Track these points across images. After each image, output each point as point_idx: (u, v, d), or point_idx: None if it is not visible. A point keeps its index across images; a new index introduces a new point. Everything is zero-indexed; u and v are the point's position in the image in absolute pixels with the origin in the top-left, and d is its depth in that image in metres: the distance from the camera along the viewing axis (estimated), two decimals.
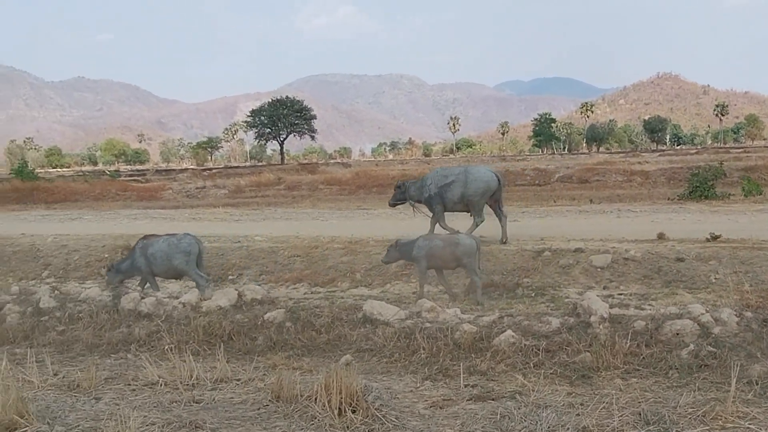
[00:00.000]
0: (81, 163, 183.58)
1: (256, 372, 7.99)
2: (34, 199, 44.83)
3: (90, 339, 9.75)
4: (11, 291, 12.34)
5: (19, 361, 8.90)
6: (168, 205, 37.40)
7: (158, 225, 22.01)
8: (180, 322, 9.97)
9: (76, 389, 7.70)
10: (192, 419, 6.50)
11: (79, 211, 31.32)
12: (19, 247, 17.23)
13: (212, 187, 50.62)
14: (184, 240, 12.87)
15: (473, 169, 15.23)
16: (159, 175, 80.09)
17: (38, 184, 52.26)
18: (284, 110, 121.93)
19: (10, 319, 10.83)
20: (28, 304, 11.39)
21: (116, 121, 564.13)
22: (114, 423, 6.23)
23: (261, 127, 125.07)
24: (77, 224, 23.08)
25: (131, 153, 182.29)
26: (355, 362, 8.18)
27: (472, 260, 11.37)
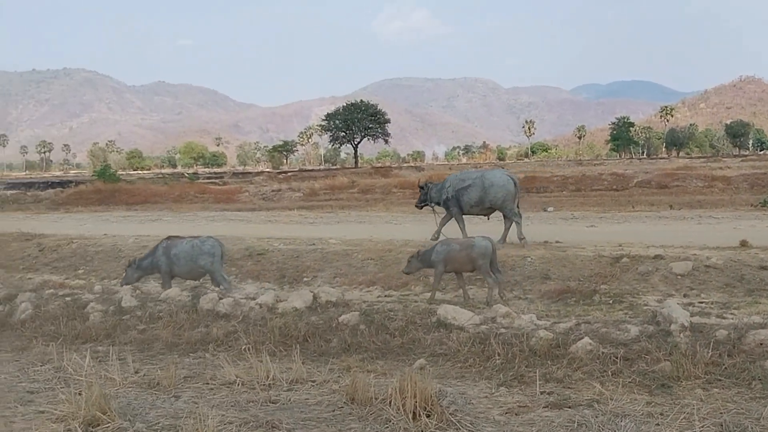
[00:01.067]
0: (161, 165, 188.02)
1: (330, 374, 8.05)
2: (116, 201, 46.03)
3: (169, 338, 9.95)
4: (94, 290, 12.66)
5: (101, 359, 9.15)
6: (244, 208, 37.99)
7: (235, 227, 22.39)
8: (256, 322, 10.10)
9: (156, 387, 7.87)
10: (268, 419, 6.59)
11: (158, 213, 32.07)
12: (102, 247, 17.70)
13: (287, 190, 51.23)
14: (207, 242, 13.47)
15: (490, 174, 15.55)
16: (236, 178, 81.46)
17: (120, 186, 53.69)
18: (358, 114, 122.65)
19: (93, 317, 11.12)
20: (111, 303, 11.67)
21: (195, 125, 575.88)
22: (193, 421, 6.35)
23: (335, 131, 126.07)
24: (157, 225, 23.63)
25: (209, 156, 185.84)
26: (429, 366, 8.16)
27: (485, 262, 11.54)
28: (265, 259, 15.91)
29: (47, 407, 7.27)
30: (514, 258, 13.66)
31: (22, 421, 6.97)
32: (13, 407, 7.44)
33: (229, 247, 16.77)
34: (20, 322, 11.44)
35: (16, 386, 8.30)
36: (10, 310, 11.94)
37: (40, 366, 9.14)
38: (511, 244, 14.77)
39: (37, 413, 7.17)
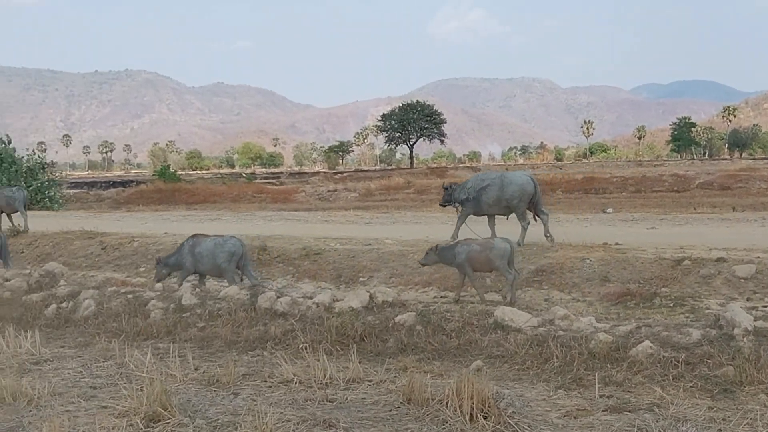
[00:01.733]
0: (219, 165, 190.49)
1: (387, 374, 8.06)
2: (176, 200, 46.81)
3: (228, 336, 10.08)
4: (155, 288, 12.87)
5: (162, 356, 9.30)
6: (301, 208, 38.28)
7: (292, 226, 22.55)
8: (314, 321, 10.16)
9: (216, 384, 7.98)
10: (326, 417, 6.63)
11: (217, 212, 32.47)
12: (163, 245, 17.95)
13: (343, 190, 51.55)
14: (229, 241, 13.71)
15: (509, 175, 15.72)
16: (292, 178, 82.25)
17: (180, 186, 54.60)
18: (414, 114, 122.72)
19: (154, 314, 11.31)
20: (171, 300, 11.85)
21: (252, 126, 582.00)
22: (251, 418, 6.43)
23: (391, 132, 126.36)
24: (216, 224, 23.90)
25: (266, 156, 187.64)
26: (486, 368, 8.12)
27: (504, 263, 11.60)
28: (321, 258, 15.98)
29: (110, 402, 7.42)
30: (573, 260, 13.51)
31: (85, 415, 7.12)
32: (76, 402, 7.61)
33: (287, 246, 16.91)
34: (83, 318, 11.69)
35: (79, 381, 8.49)
36: (73, 307, 12.21)
37: (102, 362, 9.33)
38: (570, 245, 14.59)
39: (100, 408, 7.32)
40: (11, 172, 35.94)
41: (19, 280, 14.04)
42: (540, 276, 13.19)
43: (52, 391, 7.94)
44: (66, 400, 7.71)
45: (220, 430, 6.55)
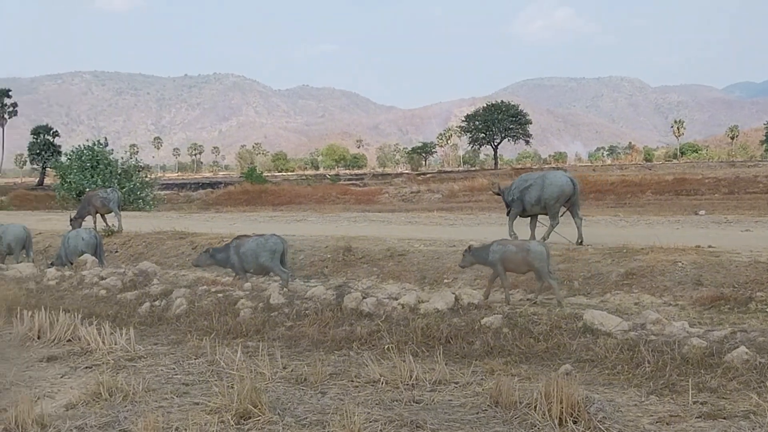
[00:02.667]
0: (304, 167, 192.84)
1: (473, 376, 8.02)
2: (262, 201, 47.56)
3: (315, 335, 10.18)
4: (244, 287, 13.11)
5: (251, 354, 9.46)
6: (384, 209, 38.40)
7: (376, 228, 22.66)
8: (399, 322, 10.18)
9: (304, 383, 8.07)
10: (413, 419, 6.63)
11: (303, 213, 32.88)
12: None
13: (426, 191, 51.49)
14: (270, 240, 14.54)
15: (550, 175, 16.00)
16: (376, 180, 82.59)
17: (266, 187, 55.45)
18: (499, 115, 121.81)
19: (243, 313, 11.52)
20: (260, 300, 12.06)
21: (337, 127, 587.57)
22: (339, 417, 6.48)
23: (475, 132, 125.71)
24: (302, 225, 24.21)
25: (350, 158, 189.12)
26: (575, 372, 7.98)
27: (543, 265, 11.60)
28: (405, 260, 16.01)
29: (202, 399, 7.59)
30: (664, 263, 13.18)
31: (178, 411, 7.30)
32: (170, 398, 7.81)
33: (371, 247, 17.01)
34: (175, 316, 11.99)
35: (172, 378, 8.71)
36: (166, 305, 12.54)
37: (194, 359, 9.55)
38: (661, 248, 14.23)
39: (193, 404, 7.50)
40: (106, 173, 37.19)
41: (114, 278, 14.51)
42: (630, 279, 12.93)
43: (147, 387, 8.16)
44: (160, 396, 7.92)
45: (309, 428, 6.63)
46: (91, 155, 38.09)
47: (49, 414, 7.35)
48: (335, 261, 16.65)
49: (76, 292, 14.18)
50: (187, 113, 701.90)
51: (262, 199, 48.65)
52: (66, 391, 8.42)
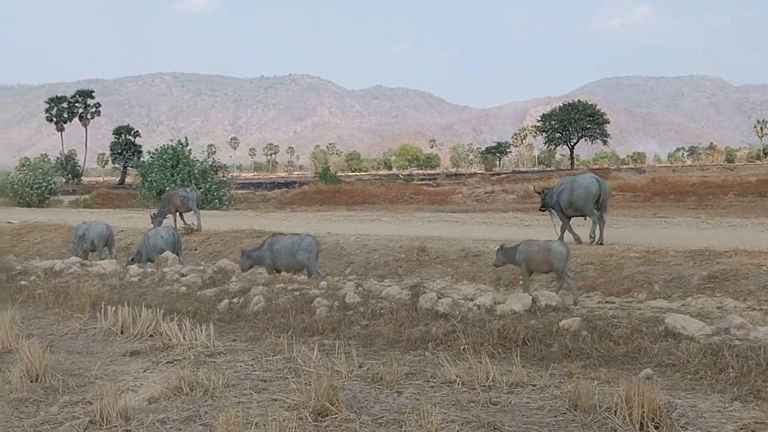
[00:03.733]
0: (377, 167, 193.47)
1: (551, 379, 7.94)
2: (336, 201, 47.89)
3: (390, 335, 10.21)
4: (320, 285, 13.22)
5: (327, 352, 9.54)
6: (458, 209, 38.27)
7: (450, 228, 22.59)
8: (475, 323, 10.14)
9: (380, 382, 8.11)
10: (490, 420, 6.60)
11: (377, 213, 32.98)
12: (325, 245, 18.41)
13: (501, 191, 51.12)
14: (305, 239, 15.16)
15: (579, 178, 16.71)
16: (449, 180, 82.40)
17: (340, 187, 55.82)
18: (576, 114, 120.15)
19: (319, 311, 11.62)
20: (335, 298, 12.15)
21: (410, 127, 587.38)
22: (416, 417, 6.49)
23: (551, 132, 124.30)
24: (376, 225, 24.30)
25: (423, 158, 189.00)
26: (656, 377, 7.82)
27: (561, 265, 11.85)
28: (480, 260, 15.93)
29: (280, 395, 7.69)
30: (748, 266, 12.80)
31: (257, 407, 7.42)
32: (249, 394, 7.94)
33: (445, 248, 16.97)
34: (253, 313, 12.18)
35: (251, 374, 8.85)
36: (244, 302, 12.74)
37: (272, 356, 9.68)
38: (745, 251, 13.82)
39: (271, 401, 7.61)
40: (185, 173, 37.98)
41: (194, 275, 14.81)
42: (712, 282, 12.60)
43: (226, 382, 8.32)
44: (239, 391, 8.06)
45: (386, 427, 6.66)
46: (173, 155, 38.96)
47: (133, 407, 7.55)
48: (409, 261, 16.66)
49: (158, 289, 14.53)
50: (263, 114, 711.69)
51: (336, 199, 48.98)
52: (148, 385, 8.64)
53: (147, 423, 7.10)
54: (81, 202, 51.43)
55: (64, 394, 8.40)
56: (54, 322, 13.22)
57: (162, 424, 7.08)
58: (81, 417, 7.41)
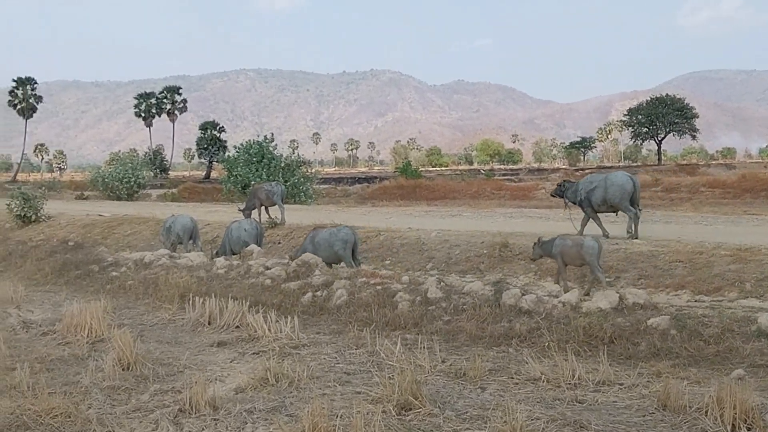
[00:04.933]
0: (458, 162, 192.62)
1: (639, 378, 7.79)
2: (417, 196, 47.83)
3: (473, 330, 10.18)
4: (402, 280, 13.24)
5: (410, 346, 9.57)
6: (541, 205, 37.76)
7: (533, 224, 22.32)
8: (560, 320, 10.02)
9: (463, 377, 8.10)
10: (576, 418, 6.52)
11: (457, 208, 32.81)
12: (407, 240, 18.44)
13: None
14: (342, 231, 15.80)
15: (612, 176, 17.18)
16: (531, 175, 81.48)
17: (420, 182, 55.75)
18: (663, 109, 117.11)
19: (401, 306, 11.66)
20: (417, 293, 12.16)
21: (491, 122, 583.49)
22: (501, 414, 6.46)
23: (637, 127, 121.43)
24: (457, 220, 24.16)
25: (505, 153, 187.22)
26: (748, 377, 7.60)
27: (593, 259, 12.03)
28: None
29: (363, 388, 7.76)
30: None
31: (341, 399, 7.49)
32: (333, 386, 8.03)
33: (528, 244, 16.75)
34: (336, 307, 12.30)
35: (334, 367, 8.94)
36: (327, 296, 12.88)
37: (355, 349, 9.77)
38: None
39: (354, 393, 7.67)
40: (271, 168, 38.50)
41: (278, 269, 15.02)
42: None
43: (311, 374, 8.43)
44: (323, 383, 8.16)
45: (469, 422, 6.64)
46: (258, 150, 39.54)
47: (220, 397, 7.72)
48: (491, 257, 16.51)
49: (243, 281, 14.80)
50: (344, 109, 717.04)
51: (417, 194, 48.92)
52: (235, 376, 8.82)
53: (234, 412, 7.25)
54: (168, 196, 52.68)
55: (155, 382, 8.65)
56: (144, 312, 13.63)
57: (249, 413, 7.22)
58: (171, 405, 7.62)
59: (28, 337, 11.61)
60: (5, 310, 13.97)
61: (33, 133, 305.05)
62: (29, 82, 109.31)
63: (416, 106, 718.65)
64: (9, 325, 12.57)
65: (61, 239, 23.45)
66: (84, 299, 13.99)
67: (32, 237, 25.01)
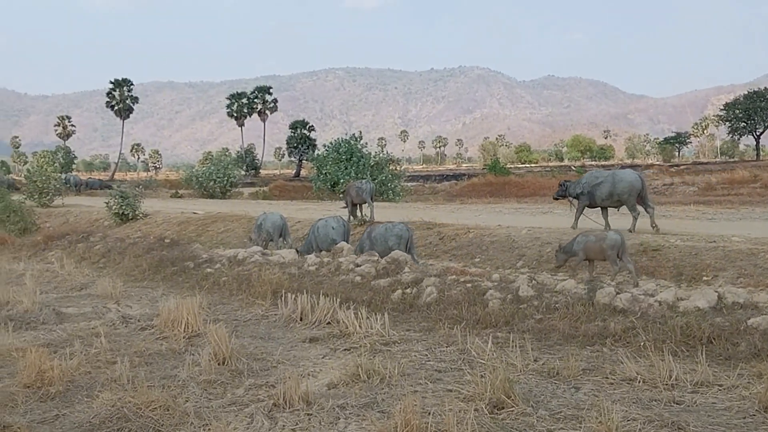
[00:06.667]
0: (547, 159, 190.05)
1: (739, 379, 7.56)
2: (506, 193, 47.33)
3: (566, 329, 10.04)
4: (492, 278, 13.15)
5: (501, 345, 9.52)
6: None
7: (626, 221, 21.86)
8: (656, 320, 9.79)
9: (556, 377, 8.00)
10: (674, 420, 6.37)
11: (548, 206, 32.39)
12: (497, 237, 18.29)
13: (680, 183, 48.89)
14: (397, 227, 16.61)
15: (620, 173, 17.75)
16: None
17: (510, 179, 55.16)
18: (762, 103, 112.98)
19: (492, 304, 11.59)
20: (508, 291, 12.06)
21: (582, 118, 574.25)
22: (595, 414, 6.36)
23: (735, 122, 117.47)
24: (548, 218, 23.85)
25: (596, 149, 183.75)
26: None
27: (614, 253, 12.45)
28: (660, 255, 15.29)
29: (455, 386, 7.75)
30: None
31: (432, 397, 7.50)
32: (424, 383, 8.04)
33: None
34: (426, 304, 12.31)
35: (425, 364, 8.96)
36: (417, 293, 12.90)
37: (445, 347, 9.77)
38: None
39: (446, 391, 7.67)
40: (359, 166, 38.78)
41: (368, 266, 15.13)
42: None
43: (402, 371, 8.47)
44: (414, 380, 8.18)
45: (563, 422, 6.56)
46: (347, 148, 39.88)
47: (313, 392, 7.83)
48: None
49: (334, 278, 14.95)
50: (432, 106, 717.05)
51: (506, 191, 48.37)
52: (327, 371, 8.93)
53: (327, 408, 7.34)
54: (260, 194, 53.61)
55: (249, 377, 8.83)
56: (238, 308, 13.92)
57: (341, 409, 7.30)
58: (265, 399, 7.77)
59: (128, 332, 12.01)
60: (105, 305, 14.49)
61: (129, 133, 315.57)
62: (126, 83, 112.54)
63: (505, 102, 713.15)
64: (109, 319, 13.03)
65: (157, 236, 24.10)
66: (180, 295, 14.40)
67: (130, 234, 25.78)
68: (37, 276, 18.65)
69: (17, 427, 7.22)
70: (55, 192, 40.63)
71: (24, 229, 31.02)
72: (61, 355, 9.81)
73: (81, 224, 30.86)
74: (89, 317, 13.39)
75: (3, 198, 33.35)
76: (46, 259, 22.72)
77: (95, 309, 14.21)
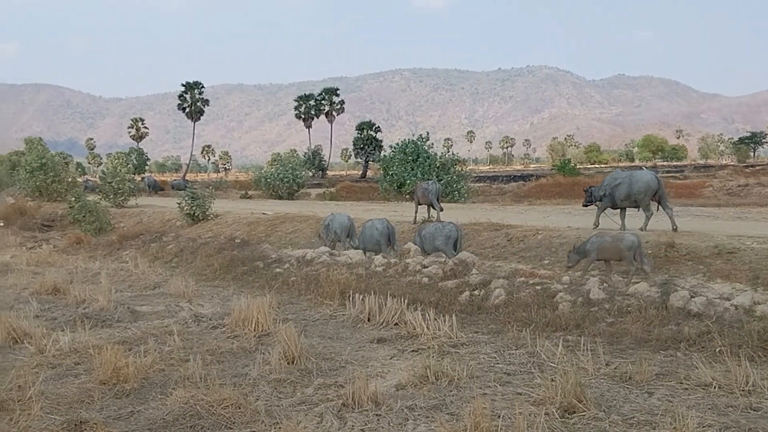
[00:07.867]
0: (618, 159, 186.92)
1: None
2: (576, 194, 46.57)
3: (639, 333, 9.86)
4: (562, 281, 12.99)
5: (571, 348, 9.40)
6: (708, 203, 36.06)
7: (701, 222, 21.38)
8: (732, 324, 9.55)
9: (628, 381, 7.87)
10: (751, 426, 6.22)
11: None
12: (566, 239, 18.02)
13: (756, 185, 47.55)
14: (447, 227, 17.07)
15: (637, 173, 18.28)
16: (697, 172, 77.96)
17: (579, 180, 54.36)
18: None
19: (562, 306, 11.45)
20: (579, 294, 11.90)
21: (654, 117, 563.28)
22: (669, 419, 6.24)
23: None
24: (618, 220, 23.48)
25: (668, 149, 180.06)
26: None
27: (630, 254, 12.74)
28: (735, 258, 14.90)
29: (524, 389, 7.68)
30: None
31: (502, 400, 7.44)
32: (493, 386, 7.99)
33: (696, 244, 16.06)
34: (494, 306, 12.23)
35: (494, 367, 8.90)
36: (485, 295, 12.83)
37: (514, 350, 9.68)
38: None
39: (515, 394, 7.61)
40: (425, 166, 38.74)
41: (435, 267, 15.11)
42: None
43: (470, 373, 8.43)
44: (483, 383, 8.13)
45: (637, 428, 6.45)
46: (414, 149, 39.87)
47: (382, 393, 7.85)
48: (656, 257, 15.92)
49: (401, 279, 14.97)
50: (499, 106, 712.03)
51: (575, 192, 47.58)
52: (395, 372, 8.94)
53: (396, 409, 7.35)
54: (327, 195, 53.93)
55: (318, 376, 8.90)
56: (306, 308, 14.04)
57: (410, 410, 7.30)
58: (334, 399, 7.81)
59: (200, 330, 12.22)
60: (178, 304, 14.78)
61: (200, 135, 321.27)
62: (197, 86, 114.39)
63: (574, 102, 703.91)
64: (182, 318, 13.28)
65: (227, 236, 24.45)
66: (250, 294, 14.59)
67: (201, 234, 26.22)
68: (112, 275, 19.12)
69: (94, 422, 7.40)
70: (129, 193, 41.61)
71: (99, 228, 31.90)
72: (136, 352, 10.03)
73: (154, 224, 31.53)
74: (162, 315, 13.68)
75: (79, 198, 34.28)
76: (121, 259, 23.26)
77: (168, 307, 14.52)
